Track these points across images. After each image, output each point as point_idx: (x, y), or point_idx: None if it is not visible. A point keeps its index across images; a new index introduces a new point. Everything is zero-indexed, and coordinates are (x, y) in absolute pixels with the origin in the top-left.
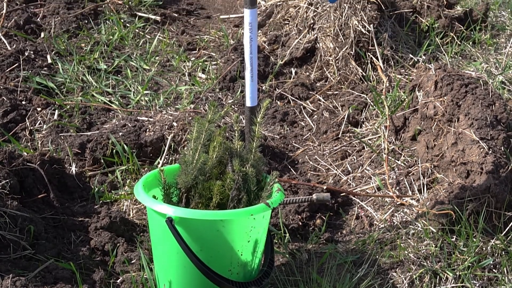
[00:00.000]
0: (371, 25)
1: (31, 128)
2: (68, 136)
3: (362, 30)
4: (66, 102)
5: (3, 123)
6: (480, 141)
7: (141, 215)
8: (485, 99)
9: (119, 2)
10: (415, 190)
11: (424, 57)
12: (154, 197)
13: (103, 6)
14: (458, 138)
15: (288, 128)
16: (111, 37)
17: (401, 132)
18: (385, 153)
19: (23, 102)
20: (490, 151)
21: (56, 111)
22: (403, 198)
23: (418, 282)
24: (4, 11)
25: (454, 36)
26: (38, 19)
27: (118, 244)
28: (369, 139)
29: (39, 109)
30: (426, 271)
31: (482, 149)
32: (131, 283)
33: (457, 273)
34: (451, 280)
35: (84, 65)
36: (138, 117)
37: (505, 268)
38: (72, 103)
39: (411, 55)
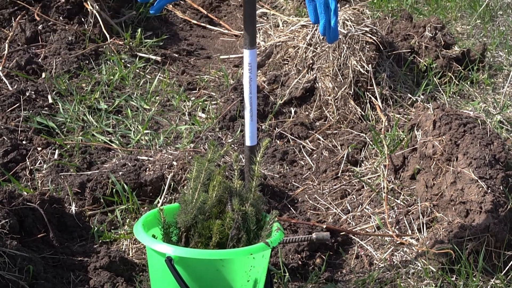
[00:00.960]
0: (370, 65)
1: (31, 167)
2: (68, 175)
3: (361, 70)
4: (66, 141)
5: (3, 163)
6: (479, 180)
7: (140, 255)
8: (484, 138)
9: (120, 42)
10: (415, 229)
11: (422, 96)
12: (153, 236)
13: (104, 46)
14: (457, 177)
15: (287, 167)
16: (112, 77)
17: (400, 171)
18: (384, 192)
19: (24, 142)
20: (489, 190)
21: (57, 150)
22: (403, 237)
23: None
24: (5, 52)
25: (452, 76)
26: (40, 60)
27: (117, 284)
28: (369, 178)
29: (39, 148)
30: None
31: (481, 188)
32: None
33: None
34: None
35: (85, 105)
36: (138, 157)
37: None
38: (73, 143)
39: (409, 95)
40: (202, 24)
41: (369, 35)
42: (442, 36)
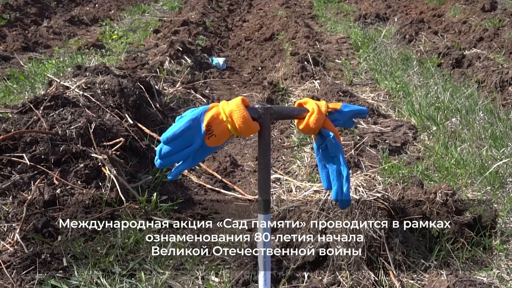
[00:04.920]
0: (382, 231)
1: None
2: None
3: (374, 235)
4: None
5: None
6: None
7: None
8: None
9: (136, 206)
10: None
11: (435, 262)
12: None
13: (120, 210)
14: None
15: None
16: (127, 240)
17: None
18: None
19: None
20: None
21: None
22: None
23: None
24: (23, 215)
25: (465, 242)
26: (56, 223)
27: None
28: None
29: None
30: None
31: None
32: None
33: None
34: None
35: (99, 268)
36: None
37: None
38: None
39: (422, 260)
40: (217, 188)
41: (381, 201)
42: (453, 202)
